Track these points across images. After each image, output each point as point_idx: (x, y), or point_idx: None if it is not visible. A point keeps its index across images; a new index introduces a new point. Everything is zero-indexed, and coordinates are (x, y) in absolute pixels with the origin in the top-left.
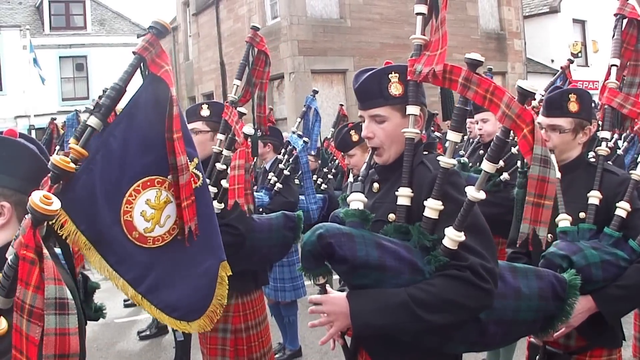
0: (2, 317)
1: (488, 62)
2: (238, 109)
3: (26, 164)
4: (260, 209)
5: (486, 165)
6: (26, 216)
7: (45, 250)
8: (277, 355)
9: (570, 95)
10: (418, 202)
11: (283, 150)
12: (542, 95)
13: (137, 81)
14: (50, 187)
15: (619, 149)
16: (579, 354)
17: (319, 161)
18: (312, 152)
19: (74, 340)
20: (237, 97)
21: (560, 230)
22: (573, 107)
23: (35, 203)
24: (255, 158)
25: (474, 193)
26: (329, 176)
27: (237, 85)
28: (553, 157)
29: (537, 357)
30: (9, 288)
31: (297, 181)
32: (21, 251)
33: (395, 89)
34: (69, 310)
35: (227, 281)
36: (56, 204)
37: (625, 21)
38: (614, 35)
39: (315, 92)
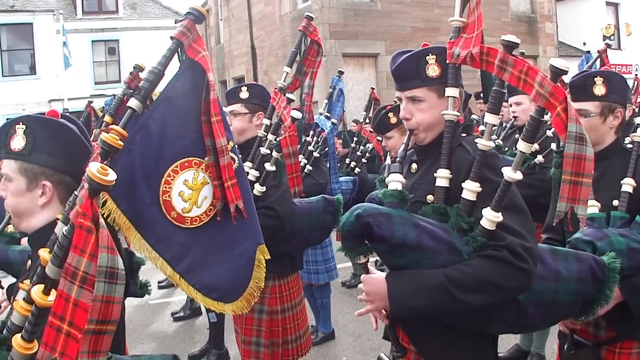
0: (53, 288)
1: (519, 45)
2: (287, 95)
3: (67, 144)
4: (303, 194)
5: (522, 145)
6: (74, 191)
7: (101, 220)
8: None
9: (595, 79)
10: (456, 183)
11: (312, 132)
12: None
13: (174, 65)
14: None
15: None
16: (609, 345)
17: (352, 144)
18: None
19: (116, 308)
20: (287, 84)
21: (588, 217)
22: (599, 90)
23: (93, 173)
24: None
25: (510, 173)
26: (363, 160)
27: (287, 73)
28: None
29: (566, 346)
30: (62, 258)
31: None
32: (78, 219)
33: (433, 70)
34: (117, 280)
35: (264, 264)
36: (112, 175)
37: None
38: None
39: (341, 72)
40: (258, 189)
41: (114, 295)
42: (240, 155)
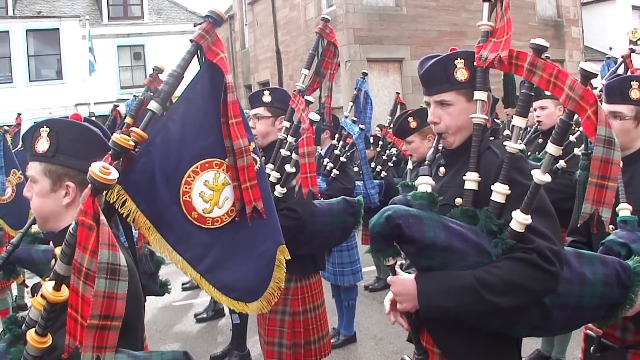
0: (63, 284)
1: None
2: (305, 97)
3: (90, 145)
4: (319, 195)
5: (551, 148)
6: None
7: (102, 217)
8: (331, 340)
9: (632, 82)
10: (485, 186)
11: (337, 136)
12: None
13: (194, 68)
14: (110, 163)
15: None
16: (636, 349)
17: (377, 148)
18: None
19: (120, 304)
20: (305, 86)
21: (620, 219)
22: (635, 94)
23: (95, 173)
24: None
25: (539, 176)
26: (389, 164)
27: (305, 75)
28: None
29: (592, 348)
30: (71, 255)
31: (356, 168)
32: (80, 217)
33: (461, 74)
34: (119, 276)
35: (284, 264)
36: (114, 174)
37: None
38: None
39: (365, 74)
40: (279, 190)
41: (117, 291)
42: (264, 158)
